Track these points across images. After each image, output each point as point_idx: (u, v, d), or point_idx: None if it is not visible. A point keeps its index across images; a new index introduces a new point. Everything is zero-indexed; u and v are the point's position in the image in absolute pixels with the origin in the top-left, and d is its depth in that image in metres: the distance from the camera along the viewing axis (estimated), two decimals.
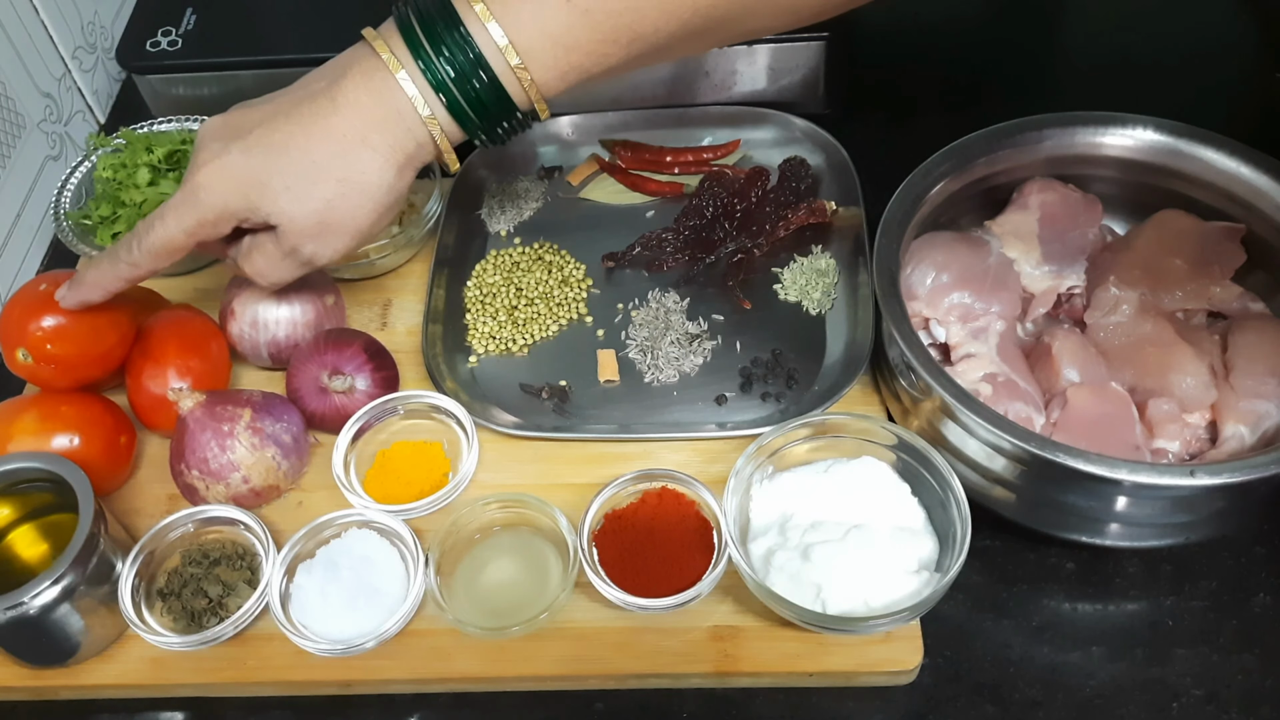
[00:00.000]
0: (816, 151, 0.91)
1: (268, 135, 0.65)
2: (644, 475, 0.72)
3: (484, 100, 0.63)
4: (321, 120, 0.64)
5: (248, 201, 0.65)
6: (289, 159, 0.64)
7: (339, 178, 0.64)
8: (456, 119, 0.64)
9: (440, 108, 0.64)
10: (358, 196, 0.65)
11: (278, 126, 0.65)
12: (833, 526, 0.68)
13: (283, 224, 0.66)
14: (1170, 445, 0.71)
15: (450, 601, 0.69)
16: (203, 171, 0.65)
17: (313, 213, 0.65)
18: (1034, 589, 0.72)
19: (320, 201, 0.65)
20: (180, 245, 0.67)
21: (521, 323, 0.84)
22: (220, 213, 0.66)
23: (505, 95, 0.63)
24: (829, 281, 0.85)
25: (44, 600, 0.65)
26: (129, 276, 0.70)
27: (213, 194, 0.65)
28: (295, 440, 0.76)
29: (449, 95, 0.63)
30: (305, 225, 0.66)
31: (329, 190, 0.65)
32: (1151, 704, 0.67)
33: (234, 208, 0.66)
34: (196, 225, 0.66)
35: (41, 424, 0.73)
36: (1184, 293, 0.77)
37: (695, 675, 0.68)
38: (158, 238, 0.67)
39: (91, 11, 1.02)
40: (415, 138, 0.64)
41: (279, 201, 0.65)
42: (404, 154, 0.65)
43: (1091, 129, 0.79)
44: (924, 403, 0.71)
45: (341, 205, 0.65)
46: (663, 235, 0.87)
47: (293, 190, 0.64)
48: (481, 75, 0.62)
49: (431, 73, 0.63)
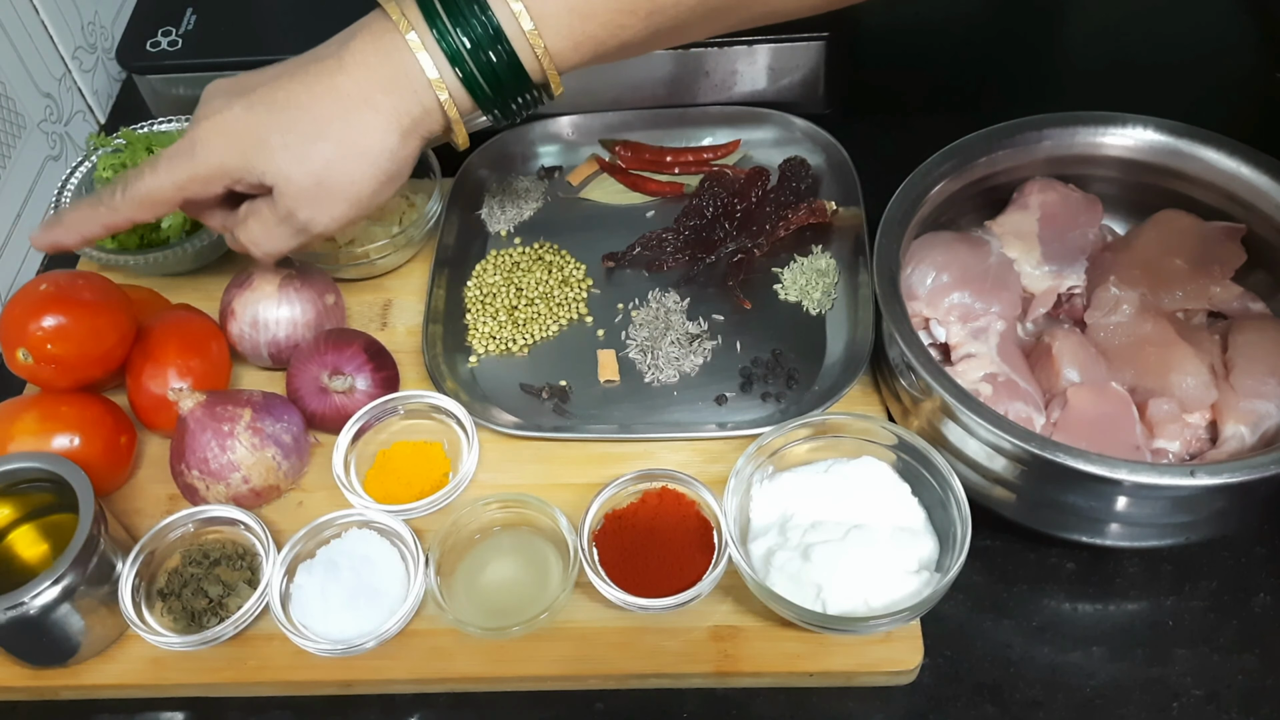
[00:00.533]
0: (816, 151, 0.91)
1: (271, 93, 0.63)
2: (644, 475, 0.72)
3: (495, 67, 0.62)
4: (326, 79, 0.62)
5: (244, 159, 0.63)
6: (289, 116, 0.62)
7: (339, 138, 0.62)
8: (466, 85, 0.62)
9: (450, 72, 0.62)
10: (358, 159, 0.63)
11: (282, 85, 0.63)
12: (833, 526, 0.68)
13: (279, 184, 0.64)
14: (1170, 445, 0.71)
15: (450, 601, 0.69)
16: (202, 126, 0.64)
17: (310, 173, 0.63)
18: (1034, 589, 0.72)
19: (319, 161, 0.63)
20: (167, 198, 0.65)
21: (521, 323, 0.84)
22: (215, 169, 0.64)
23: (517, 61, 0.61)
24: (829, 281, 0.85)
25: (44, 600, 0.65)
26: (108, 222, 0.67)
27: (209, 148, 0.63)
28: (295, 440, 0.76)
29: (459, 59, 0.61)
30: (302, 186, 0.64)
31: (328, 150, 0.63)
32: (1151, 704, 0.67)
33: (230, 165, 0.64)
34: (188, 179, 0.64)
35: (41, 424, 0.73)
36: (1184, 293, 0.77)
37: (695, 675, 0.68)
38: (145, 186, 0.65)
39: (91, 11, 1.02)
40: (421, 102, 0.63)
41: (276, 159, 0.63)
42: (409, 118, 0.63)
43: (1091, 129, 0.79)
44: (924, 403, 0.71)
45: (341, 167, 0.63)
46: (663, 235, 0.87)
47: (291, 149, 0.63)
48: (493, 38, 0.60)
49: (441, 34, 0.61)
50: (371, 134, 0.63)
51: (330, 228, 0.66)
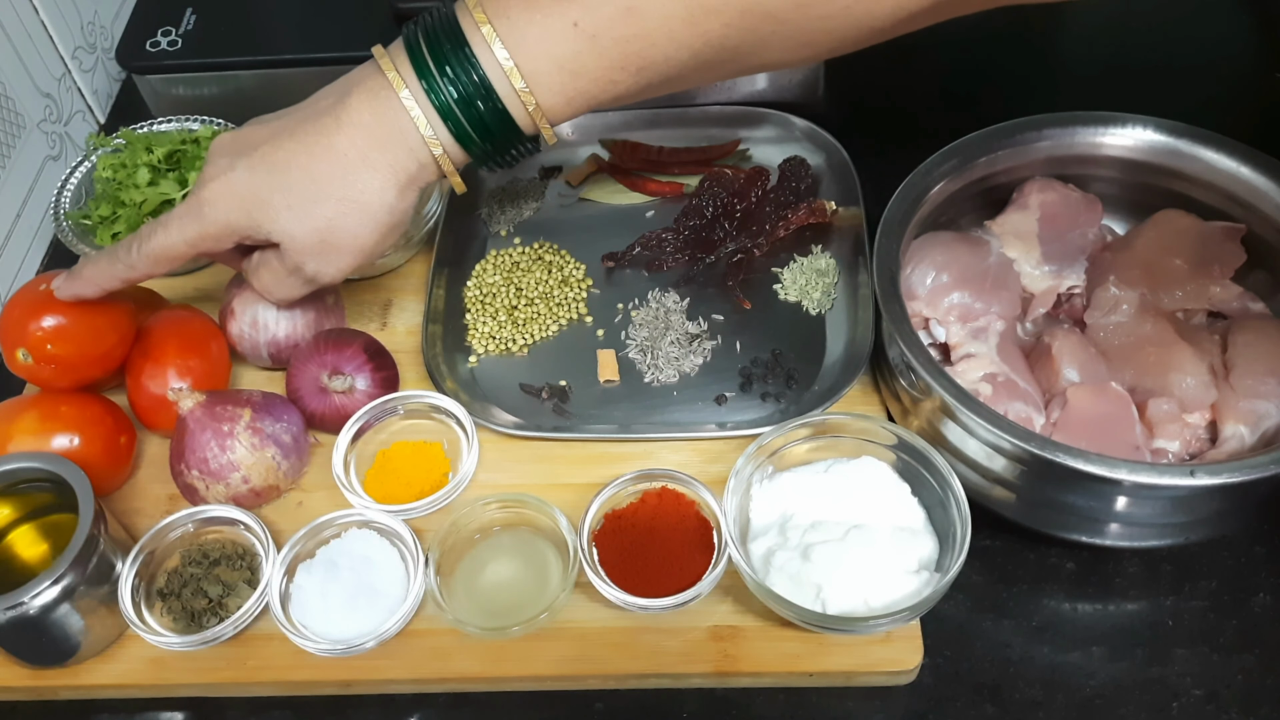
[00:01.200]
0: (816, 151, 0.91)
1: (272, 153, 0.65)
2: (644, 475, 0.72)
3: (487, 123, 0.63)
4: (324, 139, 0.64)
5: (250, 219, 0.66)
6: (291, 177, 0.65)
7: (339, 197, 0.65)
8: (460, 141, 0.64)
9: (443, 128, 0.64)
10: (358, 215, 0.65)
11: (281, 144, 0.65)
12: (833, 526, 0.68)
13: (285, 242, 0.66)
14: (1170, 445, 0.71)
15: (450, 601, 0.69)
16: (209, 187, 0.66)
17: (313, 231, 0.66)
18: (1034, 589, 0.72)
19: (321, 220, 0.65)
20: (180, 254, 0.68)
21: (521, 323, 0.84)
22: (223, 228, 0.66)
23: (509, 119, 0.63)
24: (829, 281, 0.85)
25: (44, 600, 0.65)
26: (125, 277, 0.70)
27: (216, 209, 0.66)
28: (295, 440, 0.76)
29: (451, 116, 0.63)
30: (306, 244, 0.66)
31: (329, 209, 0.65)
32: (1151, 704, 0.67)
33: (236, 224, 0.66)
34: (198, 237, 0.67)
35: (41, 424, 0.73)
36: (1184, 293, 0.77)
37: (695, 675, 0.68)
38: (158, 244, 0.68)
39: (91, 11, 1.02)
40: (417, 158, 0.65)
41: (280, 220, 0.65)
42: (405, 174, 0.65)
43: (1091, 129, 0.79)
44: (924, 403, 0.71)
45: (342, 224, 0.65)
46: (663, 235, 0.87)
47: (294, 209, 0.65)
48: (485, 97, 0.62)
49: (435, 93, 0.63)
50: (370, 192, 0.65)
51: (337, 278, 0.69)
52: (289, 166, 0.65)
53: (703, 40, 0.60)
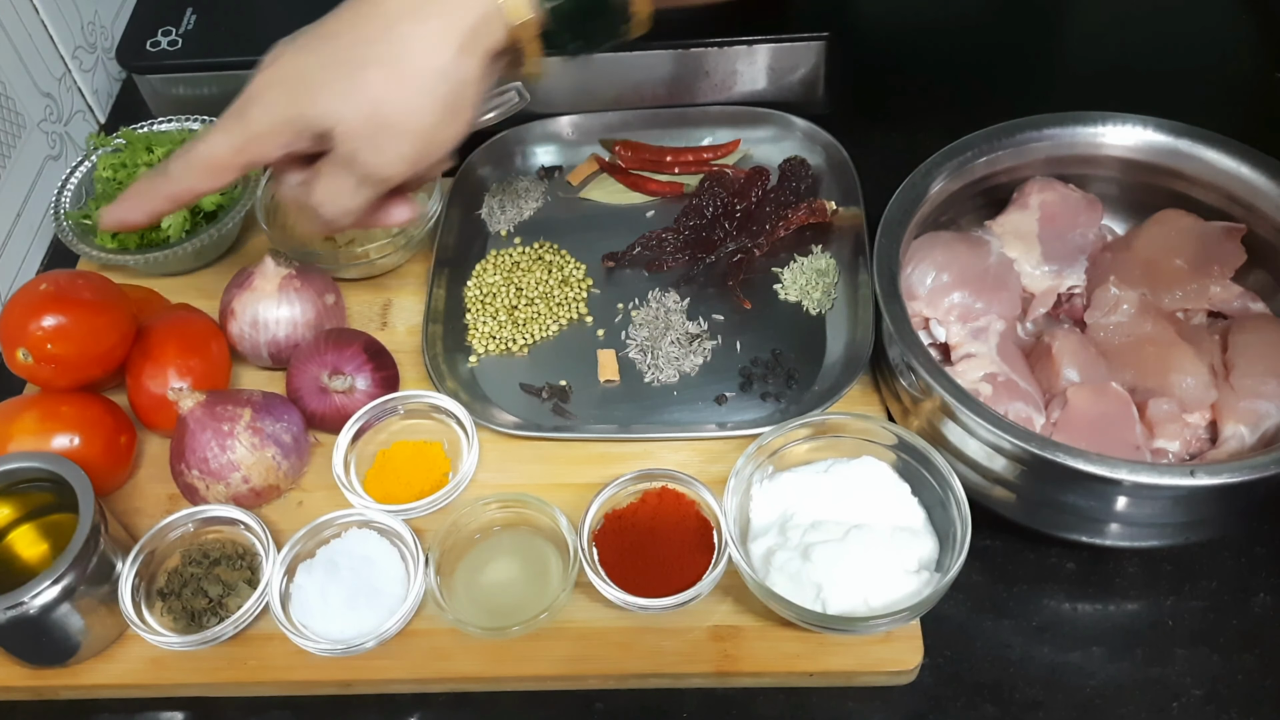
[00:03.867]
0: (816, 151, 0.91)
1: (320, 28, 0.59)
2: (644, 475, 0.72)
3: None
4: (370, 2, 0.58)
5: (296, 107, 0.58)
6: (334, 47, 0.58)
7: (384, 59, 0.57)
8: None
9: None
10: (410, 83, 0.57)
11: (332, 17, 0.59)
12: (833, 526, 0.68)
13: (334, 127, 0.58)
14: (1170, 445, 0.71)
15: (450, 601, 0.69)
16: (256, 80, 0.60)
17: (361, 106, 0.58)
18: (1034, 589, 0.72)
19: (368, 91, 0.57)
20: (226, 163, 0.61)
21: (521, 323, 0.84)
22: (269, 124, 0.59)
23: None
24: (829, 281, 0.85)
25: (44, 600, 0.65)
26: (170, 193, 0.63)
27: (262, 102, 0.59)
28: (295, 440, 0.76)
29: None
30: (356, 124, 0.58)
31: (375, 77, 0.57)
32: (1151, 704, 0.67)
33: (283, 117, 0.59)
34: (244, 141, 0.60)
35: (41, 424, 0.73)
36: (1184, 293, 0.77)
37: (695, 675, 0.68)
38: (202, 153, 0.61)
39: (91, 11, 1.02)
40: (476, 6, 0.57)
41: (325, 99, 0.58)
42: (462, 26, 0.57)
43: (1091, 129, 0.79)
44: (924, 403, 0.71)
45: (393, 96, 0.57)
46: (663, 235, 0.87)
47: (338, 84, 0.58)
48: None
49: None
50: (418, 51, 0.57)
51: (396, 171, 0.60)
52: (333, 36, 0.58)
53: None
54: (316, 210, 0.62)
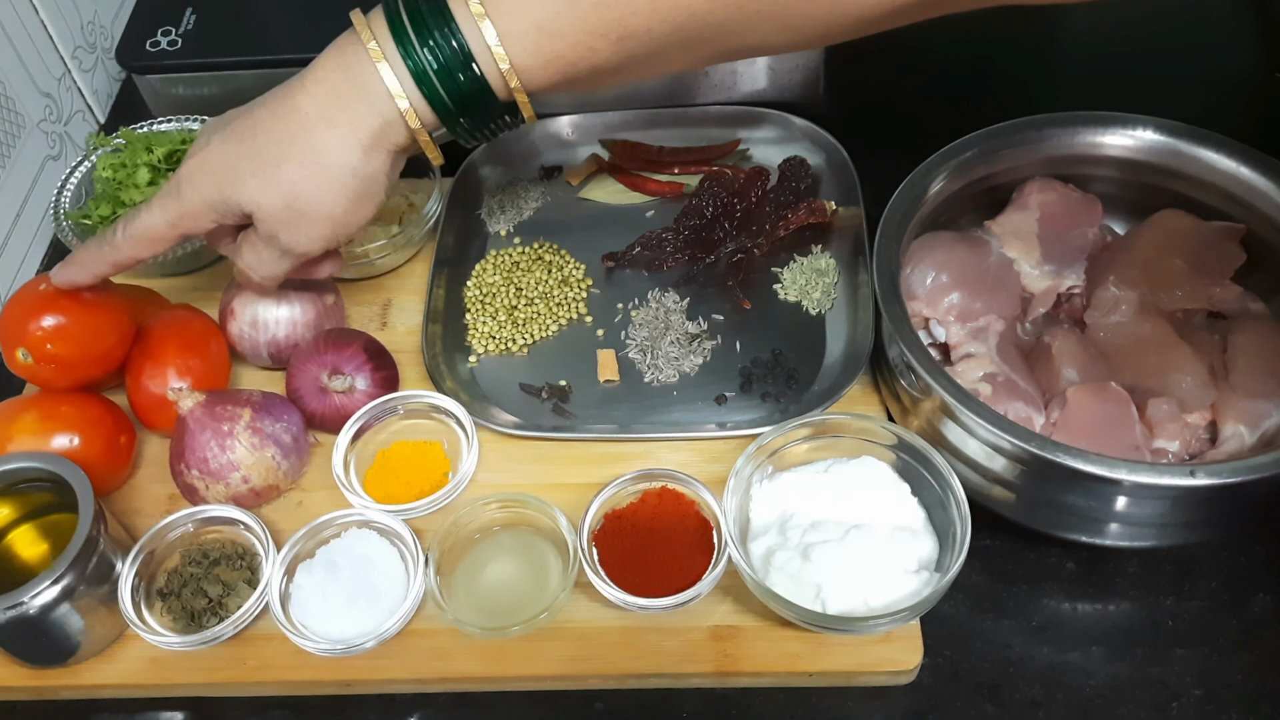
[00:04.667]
0: (816, 151, 0.91)
1: (243, 122, 0.64)
2: (644, 475, 0.72)
3: (457, 79, 0.60)
4: (288, 100, 0.63)
5: (221, 192, 0.65)
6: (256, 144, 0.63)
7: (300, 158, 0.63)
8: (426, 96, 0.61)
9: (410, 82, 0.61)
10: (322, 178, 0.63)
11: (252, 112, 0.64)
12: (833, 526, 0.68)
13: (255, 212, 0.65)
14: (1170, 445, 0.71)
15: (450, 601, 0.69)
16: (187, 164, 0.66)
17: (279, 196, 0.64)
18: (1034, 589, 0.72)
19: (285, 185, 0.63)
20: (162, 235, 0.68)
21: (521, 322, 0.84)
22: (199, 204, 0.66)
23: (480, 77, 0.61)
24: (829, 281, 0.85)
25: (44, 600, 0.65)
26: (113, 260, 0.70)
27: (192, 185, 0.65)
28: (295, 440, 0.76)
29: (416, 66, 0.60)
30: (274, 211, 0.65)
31: (292, 171, 0.63)
32: (1151, 704, 0.67)
33: (211, 199, 0.65)
34: (178, 216, 0.66)
35: (41, 424, 0.73)
36: (1184, 293, 0.77)
37: (695, 675, 0.68)
38: (141, 225, 0.68)
39: (91, 11, 1.02)
40: (381, 114, 0.62)
41: (247, 188, 0.64)
42: (368, 132, 0.62)
43: (1091, 129, 0.79)
44: (924, 403, 0.71)
45: (307, 188, 0.63)
46: (663, 235, 0.87)
47: (258, 175, 0.64)
48: (456, 50, 0.60)
49: (401, 42, 0.60)
50: (330, 151, 0.63)
51: (313, 249, 0.67)
52: (255, 132, 0.63)
53: (686, 13, 0.58)
54: (247, 271, 0.70)
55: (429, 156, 0.66)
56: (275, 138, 0.63)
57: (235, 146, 0.64)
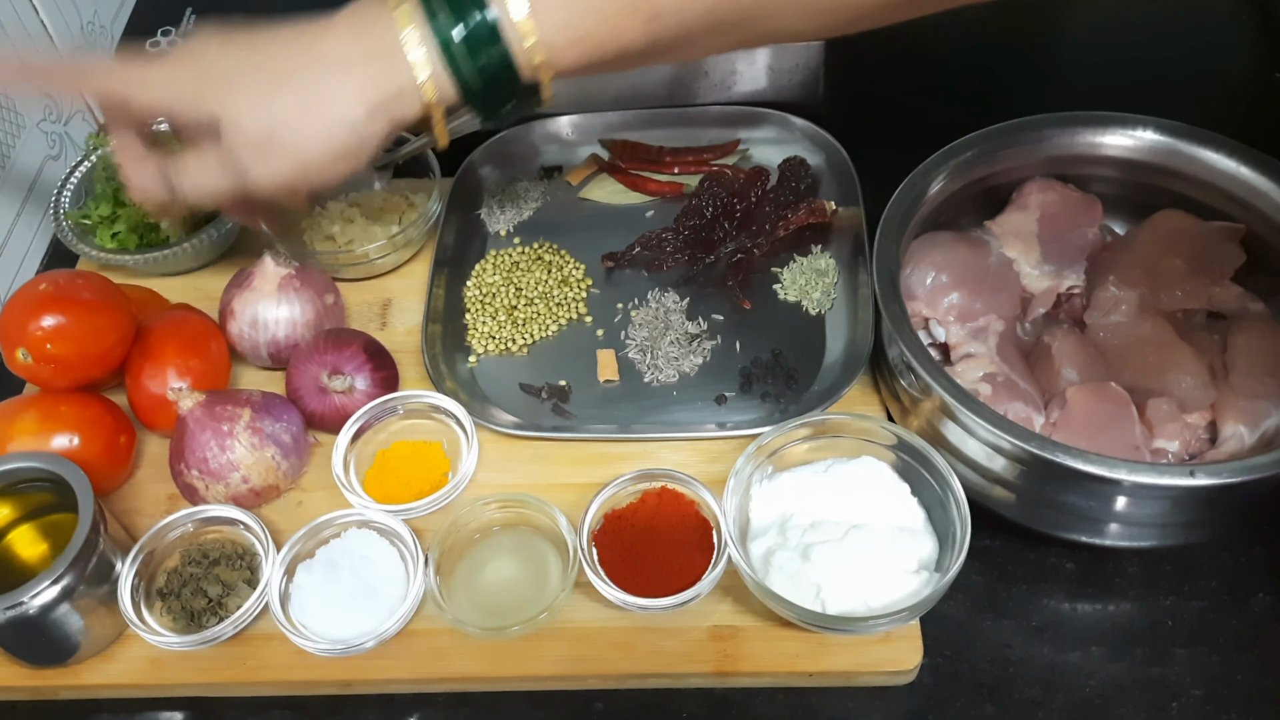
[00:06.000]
0: (816, 151, 0.91)
1: (251, 40, 0.63)
2: (644, 475, 0.72)
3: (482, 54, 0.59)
4: (308, 38, 0.61)
5: (199, 90, 0.62)
6: (259, 61, 0.62)
7: (301, 92, 0.61)
8: (450, 69, 0.60)
9: (435, 49, 0.60)
10: (316, 121, 0.61)
11: (264, 37, 0.62)
12: (832, 526, 0.68)
13: (228, 125, 0.61)
14: (1170, 445, 0.71)
15: (450, 601, 0.69)
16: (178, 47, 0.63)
17: (262, 120, 0.61)
18: (1034, 589, 0.72)
19: (275, 111, 0.61)
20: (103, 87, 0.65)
21: (521, 322, 0.84)
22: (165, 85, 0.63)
23: (506, 52, 0.59)
24: (829, 281, 0.85)
25: (43, 600, 0.65)
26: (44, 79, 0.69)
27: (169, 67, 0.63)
28: (295, 440, 0.76)
29: (444, 38, 0.59)
30: (252, 132, 0.62)
31: (289, 102, 0.61)
32: (1151, 704, 0.67)
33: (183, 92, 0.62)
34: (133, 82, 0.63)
35: (41, 424, 0.73)
36: (1184, 293, 0.77)
37: (695, 675, 0.68)
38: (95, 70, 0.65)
39: (91, 11, 1.02)
40: (397, 80, 0.60)
41: (232, 99, 0.61)
42: (380, 93, 0.61)
43: (1091, 129, 0.79)
44: (924, 403, 0.71)
45: (295, 124, 0.61)
46: (663, 235, 0.87)
47: (251, 92, 0.61)
48: (482, 22, 0.58)
49: (430, 13, 0.59)
50: (337, 99, 0.61)
51: (266, 183, 0.63)
52: (263, 53, 0.62)
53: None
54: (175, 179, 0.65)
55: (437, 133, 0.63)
56: (284, 65, 0.61)
57: (234, 56, 0.62)
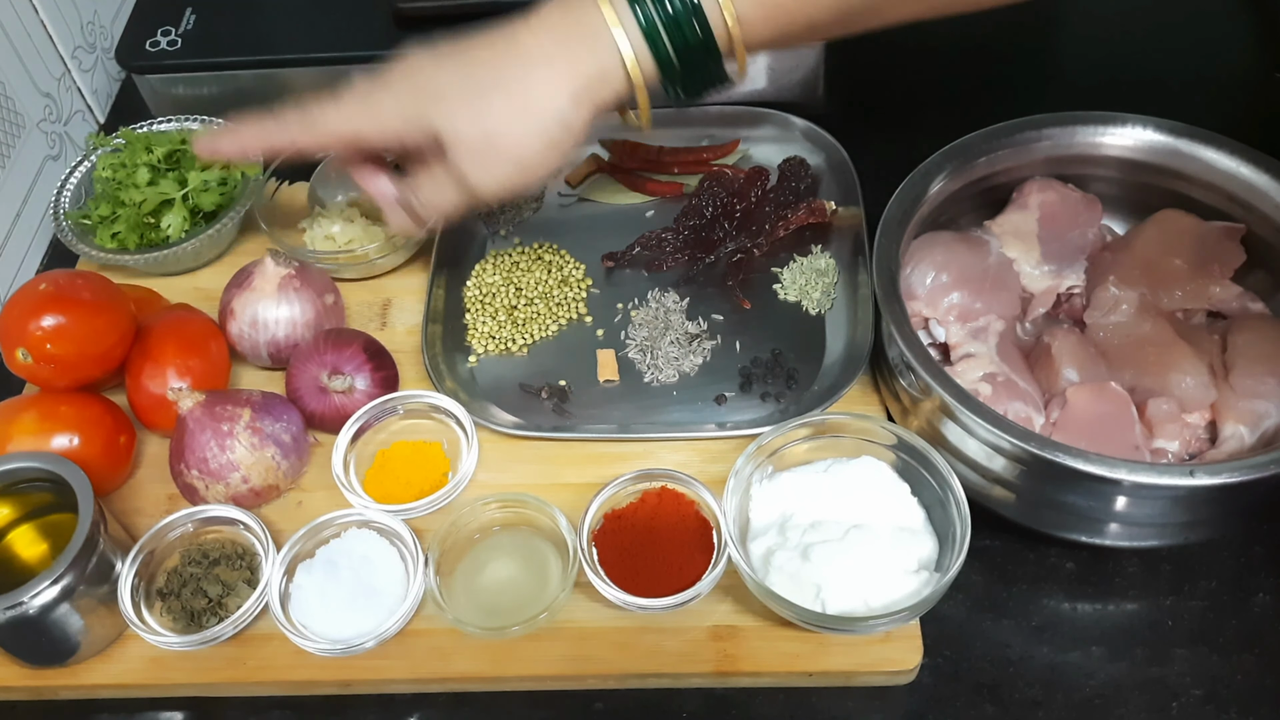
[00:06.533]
0: (816, 151, 0.91)
1: (458, 50, 0.64)
2: (644, 475, 0.72)
3: (682, 27, 0.60)
4: (510, 35, 0.63)
5: (420, 107, 0.64)
6: (468, 68, 0.63)
7: (510, 90, 0.62)
8: (651, 48, 0.61)
9: (635, 29, 0.61)
10: (527, 117, 0.63)
11: (470, 44, 0.64)
12: (832, 526, 0.68)
13: (450, 138, 0.64)
14: (1170, 445, 0.71)
15: (450, 601, 0.69)
16: (391, 72, 0.65)
17: (481, 126, 0.63)
18: (1034, 589, 0.72)
19: (491, 115, 0.63)
20: (339, 132, 0.66)
21: (521, 322, 0.84)
22: (392, 113, 0.65)
23: (707, 28, 0.60)
24: (829, 281, 0.85)
25: (43, 600, 0.65)
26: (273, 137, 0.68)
27: (392, 95, 0.64)
28: (295, 440, 0.76)
29: (646, 16, 0.60)
30: (472, 140, 0.64)
31: (499, 103, 0.63)
32: (1151, 704, 0.67)
33: (407, 111, 0.64)
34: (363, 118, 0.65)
35: (41, 424, 0.73)
36: (1184, 293, 0.77)
37: (695, 675, 0.68)
38: (324, 115, 0.66)
39: (91, 11, 1.02)
40: (599, 61, 0.62)
41: (450, 110, 0.63)
42: (583, 78, 0.62)
43: (1091, 129, 0.79)
44: (924, 403, 0.71)
45: (510, 127, 0.63)
46: (662, 235, 0.87)
47: (465, 100, 0.63)
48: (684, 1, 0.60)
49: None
50: (543, 92, 0.62)
51: (493, 192, 0.66)
52: (471, 61, 0.63)
53: None
54: (417, 206, 0.68)
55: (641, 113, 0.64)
56: (490, 67, 0.63)
57: (446, 71, 0.63)
